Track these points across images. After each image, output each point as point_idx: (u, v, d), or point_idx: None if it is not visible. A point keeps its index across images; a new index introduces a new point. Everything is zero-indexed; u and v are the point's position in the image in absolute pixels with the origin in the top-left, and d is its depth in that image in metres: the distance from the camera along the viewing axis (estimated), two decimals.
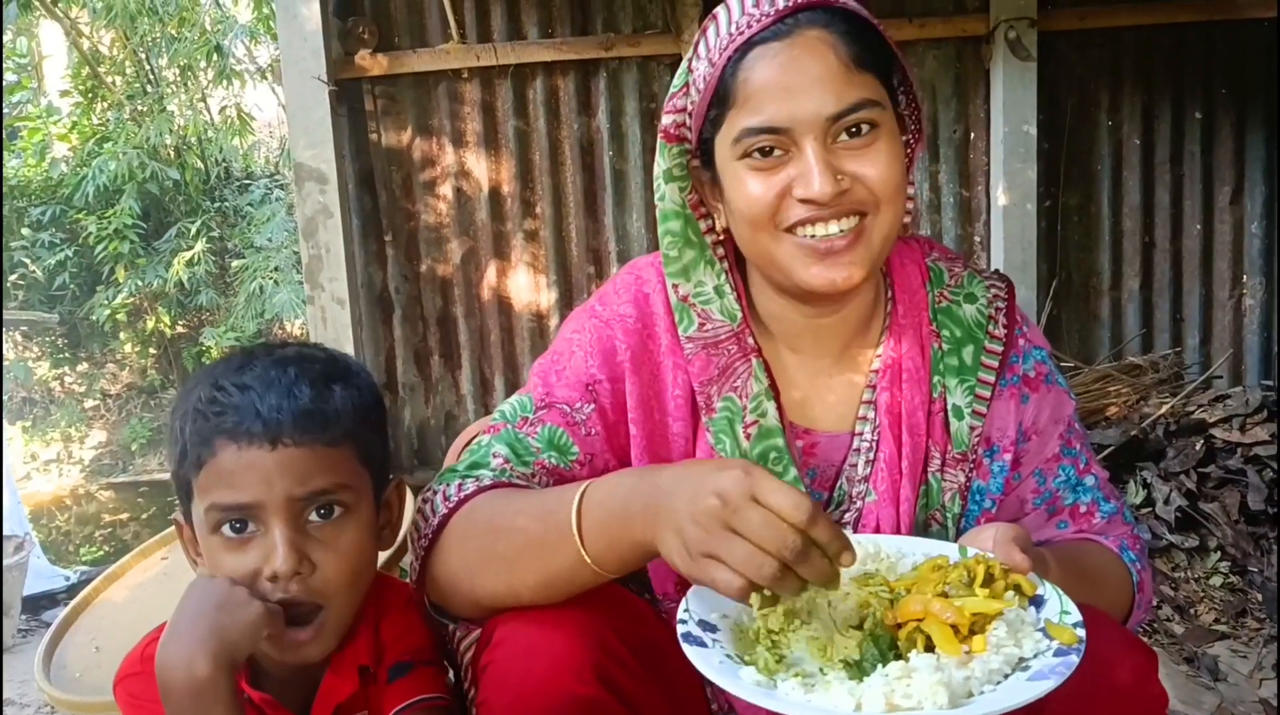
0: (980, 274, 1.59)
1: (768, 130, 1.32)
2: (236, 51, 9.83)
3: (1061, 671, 1.07)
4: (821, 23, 1.33)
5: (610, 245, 4.66)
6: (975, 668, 1.08)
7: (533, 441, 1.46)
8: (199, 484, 1.35)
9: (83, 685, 2.25)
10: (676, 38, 4.43)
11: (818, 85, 1.30)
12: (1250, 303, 4.87)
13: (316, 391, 1.37)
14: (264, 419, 1.32)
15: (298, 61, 4.29)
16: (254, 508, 1.33)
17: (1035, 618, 1.17)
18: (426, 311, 4.68)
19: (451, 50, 4.45)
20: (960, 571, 1.20)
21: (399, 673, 1.45)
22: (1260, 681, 2.80)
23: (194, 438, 1.34)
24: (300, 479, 1.34)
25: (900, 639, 1.15)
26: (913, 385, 1.51)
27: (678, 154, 1.45)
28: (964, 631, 1.13)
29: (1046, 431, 1.57)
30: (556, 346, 1.56)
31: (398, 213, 4.61)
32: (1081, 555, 1.51)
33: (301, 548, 1.34)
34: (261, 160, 11.46)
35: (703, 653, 1.15)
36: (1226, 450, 3.70)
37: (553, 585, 1.29)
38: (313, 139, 4.33)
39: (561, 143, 4.62)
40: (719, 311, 1.49)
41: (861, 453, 1.52)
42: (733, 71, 1.34)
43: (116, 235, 9.21)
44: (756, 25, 1.33)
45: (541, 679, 1.24)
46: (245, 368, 1.38)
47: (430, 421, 4.75)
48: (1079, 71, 4.69)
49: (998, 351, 1.53)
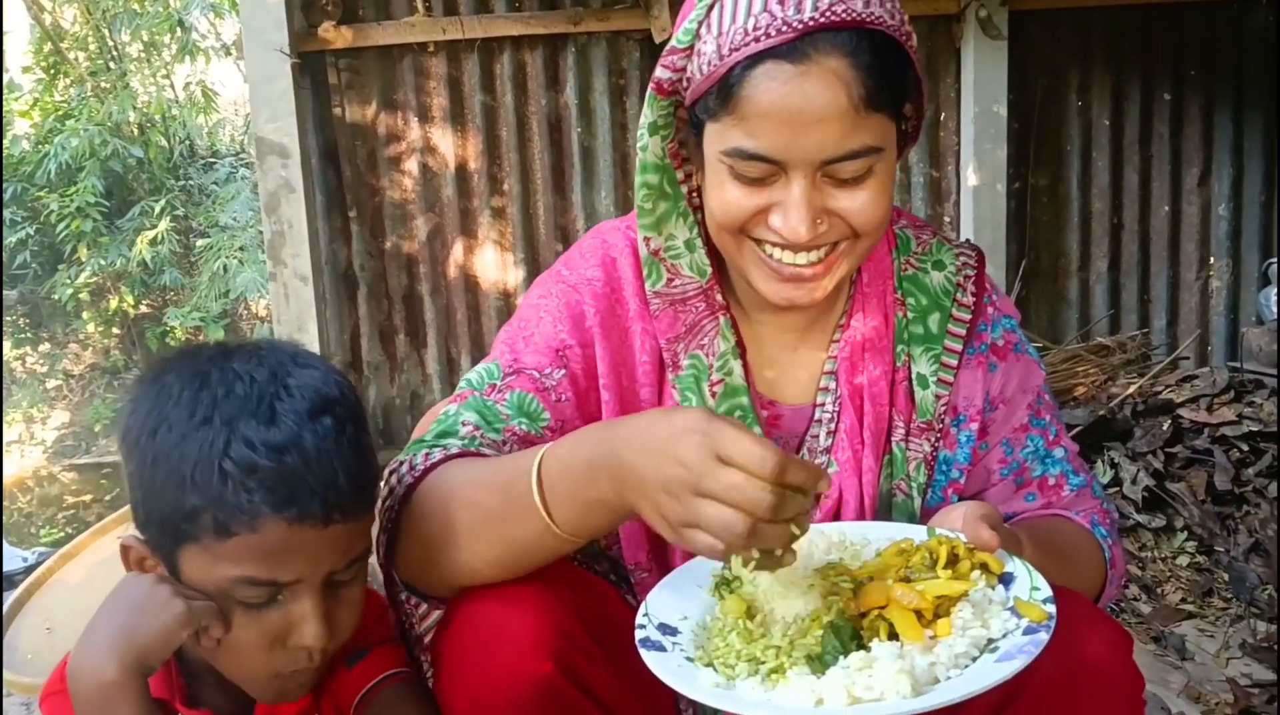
0: (949, 243, 1.56)
1: (759, 158, 1.27)
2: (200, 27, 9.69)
3: (1030, 650, 1.04)
4: (845, 50, 1.23)
5: (578, 223, 4.62)
6: (940, 652, 1.05)
7: (502, 408, 1.41)
8: (220, 549, 1.22)
9: (34, 666, 2.21)
10: (645, 13, 4.39)
11: (821, 125, 1.24)
12: (1217, 284, 4.90)
13: (356, 453, 1.26)
14: (320, 499, 1.21)
15: (260, 33, 4.21)
16: (290, 583, 1.24)
17: (1004, 596, 1.14)
18: (392, 289, 4.63)
19: (417, 23, 4.39)
20: (923, 554, 1.18)
21: (357, 658, 1.40)
22: (1227, 661, 2.80)
23: (222, 503, 1.19)
24: (344, 553, 1.27)
25: (863, 628, 1.12)
26: (875, 355, 1.49)
27: (667, 106, 1.39)
28: (928, 616, 1.10)
29: (1014, 401, 1.54)
30: (522, 313, 1.51)
31: (362, 188, 4.55)
32: (1054, 533, 1.48)
33: (329, 615, 1.27)
34: (226, 138, 11.32)
35: (660, 657, 1.13)
36: (1193, 430, 3.71)
37: (519, 558, 1.25)
38: (275, 112, 4.25)
39: (529, 119, 4.57)
40: (688, 267, 1.45)
41: (823, 424, 1.50)
42: (739, 78, 1.25)
43: (78, 213, 9.07)
44: (775, 37, 1.23)
45: (499, 664, 1.21)
46: (272, 418, 1.22)
47: (395, 401, 4.70)
48: (1049, 52, 4.69)
49: (965, 319, 1.51)
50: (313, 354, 1.39)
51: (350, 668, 1.39)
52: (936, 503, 1.50)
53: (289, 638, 1.26)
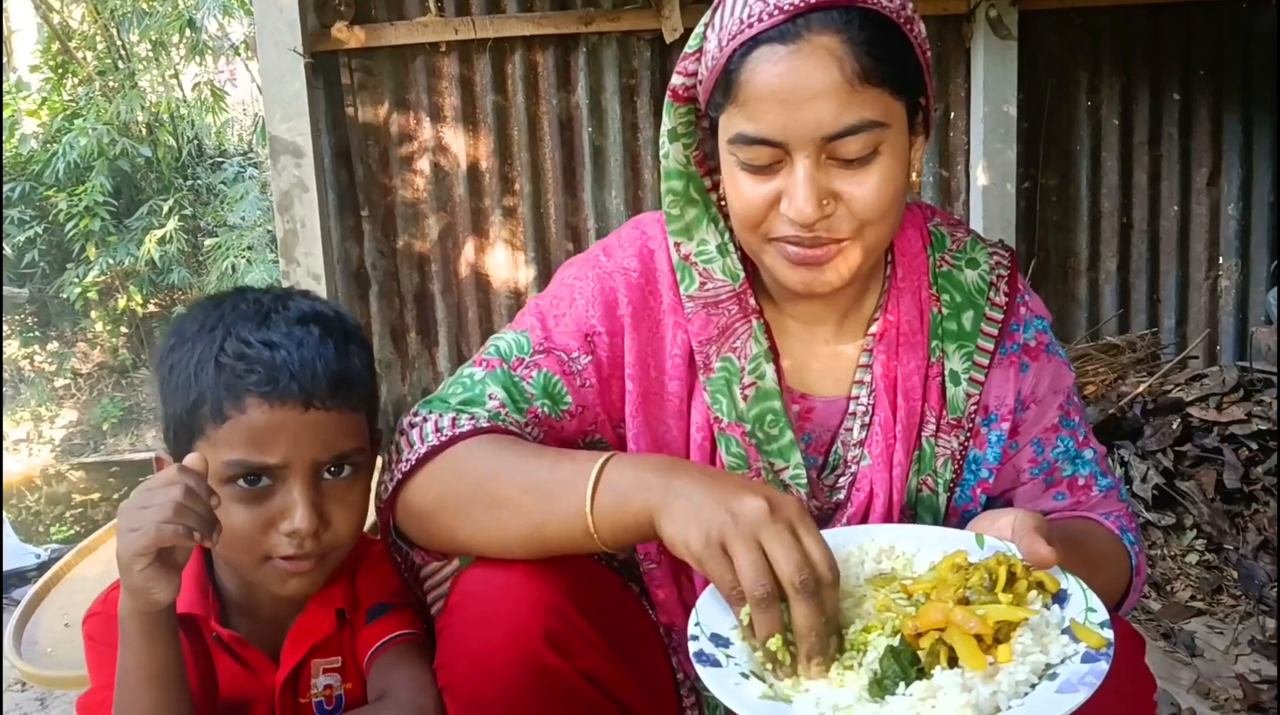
0: (983, 242, 1.56)
1: (760, 141, 1.28)
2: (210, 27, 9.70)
3: (1091, 682, 1.02)
4: (835, 26, 1.23)
5: (589, 222, 4.64)
6: (1002, 681, 1.03)
7: (528, 386, 1.44)
8: (217, 435, 1.36)
9: (54, 660, 2.23)
10: (657, 13, 4.40)
11: (817, 101, 1.23)
12: (1226, 284, 4.90)
13: (340, 353, 1.40)
14: (298, 380, 1.35)
15: (273, 33, 4.23)
16: (278, 467, 1.36)
17: (1059, 617, 1.12)
18: (403, 288, 4.64)
19: (429, 23, 4.40)
20: (981, 574, 1.14)
21: (378, 614, 1.49)
22: (1236, 657, 2.81)
23: (218, 389, 1.35)
24: (328, 444, 1.38)
25: (922, 651, 1.09)
26: (909, 350, 1.48)
27: (685, 113, 1.41)
28: (988, 641, 1.07)
29: (1045, 401, 1.54)
30: (555, 290, 1.52)
31: (374, 188, 4.56)
32: (1086, 539, 1.48)
33: (319, 506, 1.38)
34: (234, 138, 11.35)
35: (716, 673, 1.10)
36: (1203, 429, 3.71)
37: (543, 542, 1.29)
38: (288, 112, 4.27)
39: (540, 118, 4.58)
40: (720, 271, 1.46)
41: (857, 417, 1.50)
42: (737, 65, 1.27)
43: (87, 212, 9.10)
44: (767, 20, 1.24)
45: (497, 648, 1.24)
46: (266, 323, 1.39)
47: (407, 398, 4.71)
48: (1058, 51, 4.69)
49: (998, 318, 1.51)
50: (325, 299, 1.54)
51: (370, 623, 1.48)
52: (964, 502, 1.51)
53: (280, 523, 1.37)
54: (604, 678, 1.29)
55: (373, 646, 1.46)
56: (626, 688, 1.33)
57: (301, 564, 1.39)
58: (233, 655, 1.47)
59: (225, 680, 1.46)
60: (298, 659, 1.46)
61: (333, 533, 1.40)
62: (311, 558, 1.39)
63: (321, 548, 1.39)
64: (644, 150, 4.60)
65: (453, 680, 1.29)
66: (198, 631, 1.46)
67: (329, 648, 1.48)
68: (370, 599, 1.50)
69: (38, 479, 8.83)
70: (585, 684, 1.27)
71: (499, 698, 1.24)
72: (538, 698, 1.24)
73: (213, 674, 1.45)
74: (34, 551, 5.06)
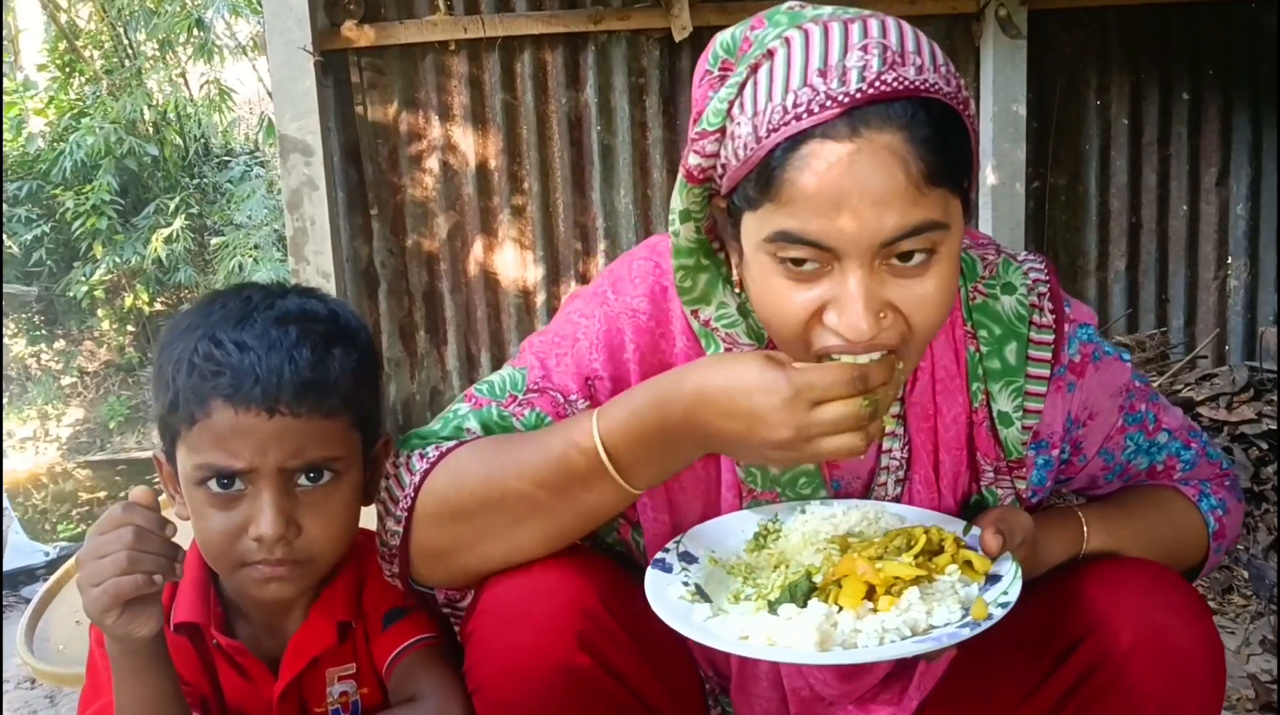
0: (1015, 259, 1.43)
1: (809, 244, 1.13)
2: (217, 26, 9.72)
3: (939, 640, 1.12)
4: (899, 122, 1.10)
5: (598, 221, 4.64)
6: (868, 623, 1.14)
7: (517, 423, 1.37)
8: (189, 438, 1.33)
9: (65, 657, 2.23)
10: (666, 12, 4.40)
11: (878, 208, 1.10)
12: (1235, 284, 4.89)
13: (317, 357, 1.33)
14: (262, 385, 1.29)
15: (283, 32, 4.23)
16: (245, 472, 1.32)
17: (972, 594, 1.20)
18: (412, 286, 4.64)
19: (439, 22, 4.40)
20: (903, 537, 1.25)
21: (394, 618, 1.46)
22: (1248, 657, 2.81)
23: (187, 391, 1.32)
24: (294, 451, 1.33)
25: (818, 590, 1.21)
26: (947, 397, 1.39)
27: (700, 194, 1.27)
28: (880, 591, 1.17)
29: (1103, 409, 1.46)
30: (559, 327, 1.43)
31: (383, 186, 4.57)
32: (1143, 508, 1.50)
33: (289, 512, 1.33)
34: (241, 137, 11.36)
35: (658, 575, 1.26)
36: (1213, 429, 3.71)
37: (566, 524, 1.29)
38: (298, 111, 4.28)
39: (549, 117, 4.58)
40: (744, 333, 1.35)
41: (890, 472, 1.41)
42: (780, 160, 1.12)
43: (94, 211, 9.12)
44: (819, 113, 1.10)
45: (527, 649, 1.23)
46: (245, 322, 1.34)
47: (415, 397, 4.72)
48: (1068, 51, 4.69)
49: (1047, 342, 1.39)
50: (327, 294, 1.48)
51: (386, 629, 1.45)
52: None
53: (249, 529, 1.33)
54: (634, 679, 1.29)
55: (392, 652, 1.44)
56: (654, 690, 1.32)
57: (277, 570, 1.35)
58: (233, 664, 1.44)
59: (227, 689, 1.44)
60: (296, 671, 1.43)
61: (307, 540, 1.35)
62: (285, 564, 1.35)
63: (295, 555, 1.35)
64: (653, 149, 4.60)
65: (483, 684, 1.28)
66: (201, 639, 1.44)
67: (341, 655, 1.46)
68: (384, 603, 1.47)
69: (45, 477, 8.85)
70: (616, 685, 1.26)
71: (530, 700, 1.22)
72: (569, 699, 1.23)
73: (217, 682, 1.43)
74: (43, 549, 5.07)
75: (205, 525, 1.34)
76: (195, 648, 1.42)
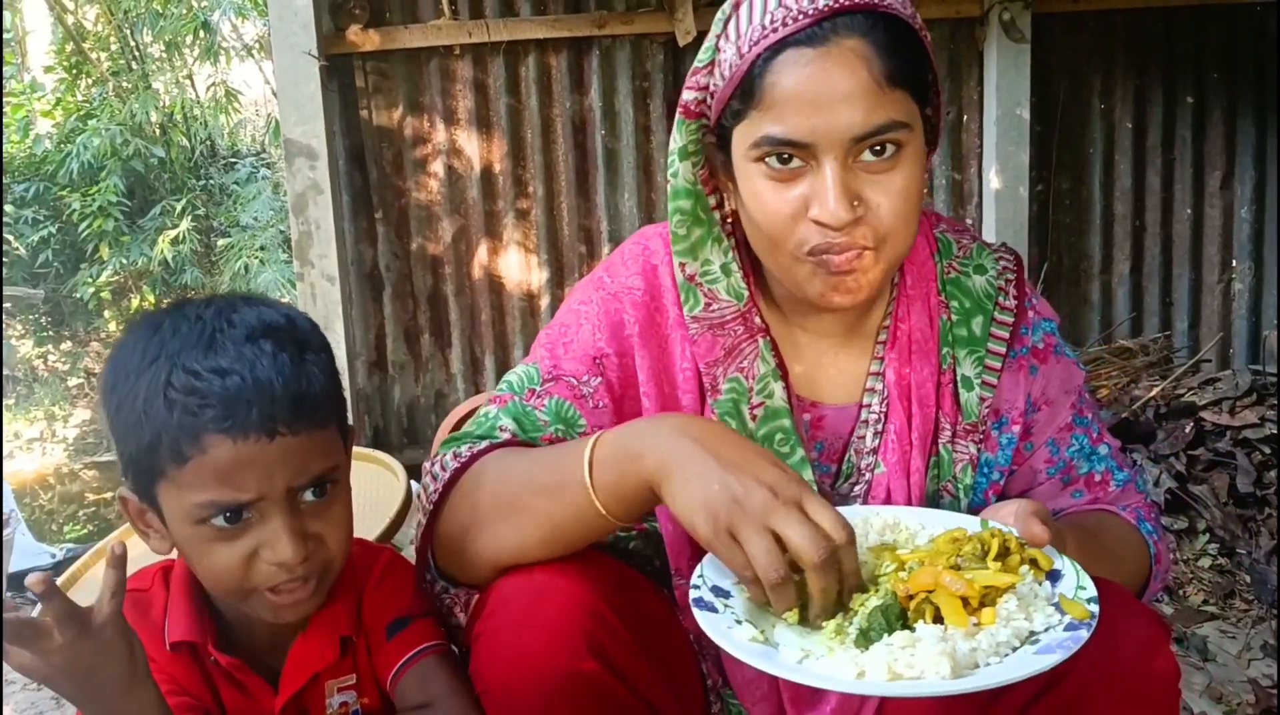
0: (988, 247, 1.58)
1: (789, 143, 1.28)
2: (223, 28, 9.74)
3: (1069, 646, 1.06)
4: (861, 30, 1.26)
5: (602, 225, 4.65)
6: (982, 640, 1.08)
7: (540, 414, 1.44)
8: (181, 477, 1.25)
9: None
10: (670, 16, 4.42)
11: (846, 102, 1.25)
12: (1239, 287, 4.89)
13: (296, 369, 1.29)
14: (258, 408, 1.24)
15: (288, 36, 4.25)
16: (254, 501, 1.27)
17: (1050, 592, 1.16)
18: (417, 289, 4.66)
19: (443, 26, 4.42)
20: (975, 544, 1.19)
21: (399, 627, 1.44)
22: (1249, 661, 2.81)
23: (173, 428, 1.24)
24: (298, 470, 1.29)
25: (909, 610, 1.14)
26: (921, 357, 1.49)
27: (695, 130, 1.41)
28: (974, 604, 1.12)
29: (1057, 402, 1.56)
30: (563, 318, 1.53)
31: (388, 190, 4.58)
32: (1100, 529, 1.50)
33: (301, 530, 1.30)
34: (247, 138, 11.38)
35: (711, 618, 1.16)
36: (1216, 433, 3.71)
37: (558, 536, 1.30)
38: (303, 115, 4.29)
39: (554, 121, 4.60)
40: (725, 291, 1.47)
41: (870, 425, 1.51)
42: (761, 70, 1.28)
43: (100, 212, 9.14)
44: (792, 24, 1.26)
45: (534, 651, 1.24)
46: (211, 345, 1.27)
47: (420, 400, 4.73)
48: (1072, 54, 4.70)
49: (1008, 322, 1.52)
50: (270, 298, 1.43)
51: (390, 639, 1.43)
52: (977, 504, 1.51)
53: (264, 554, 1.28)
54: (639, 680, 1.29)
55: (399, 661, 1.42)
56: (658, 690, 1.33)
57: (295, 592, 1.32)
58: (232, 681, 1.42)
59: (228, 703, 1.42)
60: (298, 686, 1.41)
61: (323, 553, 1.33)
62: (310, 580, 1.33)
63: (314, 567, 1.33)
64: (657, 153, 4.61)
65: (490, 686, 1.28)
66: (197, 657, 1.41)
67: (341, 668, 1.44)
68: (386, 613, 1.45)
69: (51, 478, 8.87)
70: (622, 687, 1.27)
71: (538, 702, 1.23)
72: (577, 701, 1.23)
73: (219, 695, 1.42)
74: (49, 551, 5.07)
75: (210, 561, 1.29)
76: (195, 661, 1.41)
